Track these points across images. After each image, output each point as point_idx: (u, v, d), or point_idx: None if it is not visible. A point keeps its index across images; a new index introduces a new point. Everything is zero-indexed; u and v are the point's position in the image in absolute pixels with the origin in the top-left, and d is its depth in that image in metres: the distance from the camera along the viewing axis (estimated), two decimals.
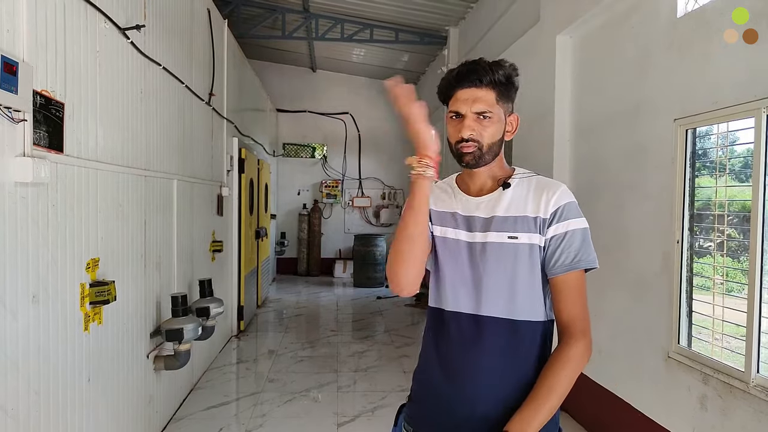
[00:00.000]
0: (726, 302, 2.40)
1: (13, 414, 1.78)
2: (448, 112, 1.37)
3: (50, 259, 2.00)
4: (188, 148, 3.93)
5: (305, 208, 10.28)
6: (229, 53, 5.33)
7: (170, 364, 3.17)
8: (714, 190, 2.50)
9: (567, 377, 1.26)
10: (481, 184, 1.41)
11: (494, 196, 1.38)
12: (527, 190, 1.36)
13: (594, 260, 1.34)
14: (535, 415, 1.22)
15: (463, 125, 1.32)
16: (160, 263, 3.27)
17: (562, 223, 1.31)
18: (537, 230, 1.32)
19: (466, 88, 1.33)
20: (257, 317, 6.74)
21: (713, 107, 2.40)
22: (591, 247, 1.34)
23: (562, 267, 1.31)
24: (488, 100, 1.33)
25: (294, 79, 10.18)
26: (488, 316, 1.32)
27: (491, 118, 1.33)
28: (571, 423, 3.59)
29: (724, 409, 2.31)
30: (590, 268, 1.34)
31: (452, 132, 1.36)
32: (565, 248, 1.31)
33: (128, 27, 2.67)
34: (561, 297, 1.33)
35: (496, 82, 1.34)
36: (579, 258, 1.31)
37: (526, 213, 1.33)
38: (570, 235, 1.31)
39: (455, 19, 6.75)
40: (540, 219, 1.32)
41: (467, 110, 1.32)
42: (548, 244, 1.32)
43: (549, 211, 1.32)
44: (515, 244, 1.31)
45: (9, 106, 1.69)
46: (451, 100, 1.36)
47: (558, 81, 3.78)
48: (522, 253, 1.31)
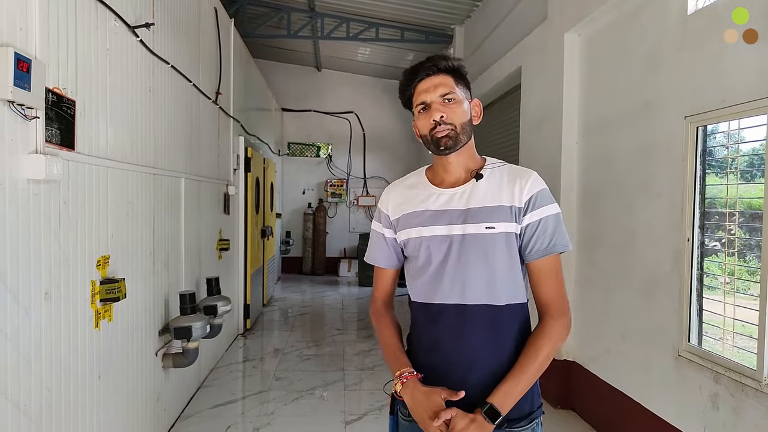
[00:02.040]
0: (737, 300, 2.39)
1: (26, 410, 1.78)
2: (415, 107, 1.42)
3: (62, 256, 2.00)
4: (195, 146, 3.94)
5: (310, 208, 10.29)
6: (235, 52, 5.34)
7: (178, 362, 3.18)
8: (723, 188, 2.49)
9: (546, 353, 1.34)
10: (456, 176, 1.45)
11: (468, 187, 1.42)
12: (500, 179, 1.42)
13: (567, 243, 1.40)
14: (514, 388, 1.31)
15: (432, 110, 1.38)
16: (168, 261, 3.28)
17: (536, 210, 1.37)
18: (513, 218, 1.37)
19: (424, 78, 1.40)
20: (263, 316, 6.75)
21: (723, 104, 2.39)
22: (564, 230, 1.40)
23: (538, 252, 1.37)
24: (448, 84, 1.39)
25: (299, 78, 10.19)
26: (473, 304, 1.37)
27: (455, 99, 1.39)
28: (580, 422, 3.58)
29: (735, 408, 2.30)
30: (564, 251, 1.40)
31: (423, 123, 1.41)
32: (540, 234, 1.37)
33: (138, 25, 2.68)
34: (539, 280, 1.40)
35: (450, 68, 1.41)
36: (554, 243, 1.37)
37: (501, 202, 1.38)
38: (544, 222, 1.37)
39: (461, 17, 6.74)
40: (515, 208, 1.37)
41: (432, 97, 1.38)
42: (524, 231, 1.38)
43: (523, 199, 1.37)
44: (493, 233, 1.36)
45: (22, 103, 1.70)
46: (414, 96, 1.42)
47: (566, 79, 3.77)
48: (500, 242, 1.36)
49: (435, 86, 1.38)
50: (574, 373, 3.72)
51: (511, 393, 1.30)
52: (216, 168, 4.64)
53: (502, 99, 5.67)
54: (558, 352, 3.79)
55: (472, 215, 1.38)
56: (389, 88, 10.37)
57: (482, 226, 1.36)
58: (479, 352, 1.37)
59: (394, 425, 1.53)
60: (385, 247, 1.54)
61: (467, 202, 1.39)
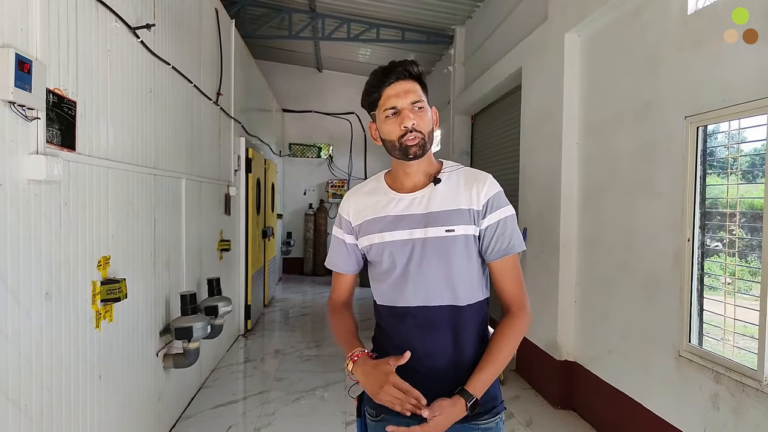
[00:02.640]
0: (738, 301, 2.38)
1: (26, 410, 1.79)
2: (383, 111, 1.41)
3: (62, 256, 2.01)
4: (196, 147, 3.95)
5: (311, 208, 10.29)
6: (236, 53, 5.35)
7: (179, 362, 3.18)
8: (724, 188, 2.49)
9: (512, 344, 1.40)
10: (415, 181, 1.47)
11: (427, 191, 1.45)
12: (457, 183, 1.45)
13: (523, 243, 1.46)
14: (486, 376, 1.36)
15: (403, 116, 1.37)
16: (169, 261, 3.28)
17: (494, 213, 1.41)
18: (471, 221, 1.40)
19: (394, 82, 1.39)
20: (264, 316, 6.75)
21: (724, 104, 2.39)
22: (518, 231, 1.46)
23: (499, 252, 1.42)
24: (417, 91, 1.40)
25: (300, 79, 10.20)
26: (436, 305, 1.41)
27: (423, 108, 1.40)
28: (580, 422, 3.58)
29: (736, 408, 2.29)
30: (521, 251, 1.45)
31: (392, 129, 1.40)
32: (500, 236, 1.41)
33: (138, 26, 2.68)
34: (501, 279, 1.44)
35: (418, 75, 1.42)
36: (512, 243, 1.42)
37: (459, 206, 1.41)
38: (503, 223, 1.42)
39: (462, 17, 6.74)
40: (473, 211, 1.41)
41: (403, 103, 1.38)
42: (484, 233, 1.42)
43: (481, 202, 1.41)
44: (453, 236, 1.39)
45: (23, 104, 1.70)
46: (382, 100, 1.41)
47: (567, 79, 3.77)
48: (459, 244, 1.40)
49: (406, 92, 1.38)
50: (575, 373, 3.72)
51: (484, 381, 1.36)
52: (217, 169, 4.65)
53: (502, 99, 5.67)
54: (558, 353, 3.80)
55: (433, 219, 1.40)
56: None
57: (442, 229, 1.39)
58: (444, 348, 1.41)
59: (362, 427, 1.56)
60: (346, 252, 1.56)
61: (427, 206, 1.42)
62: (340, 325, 1.57)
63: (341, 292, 1.64)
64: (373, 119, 1.48)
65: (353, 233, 1.53)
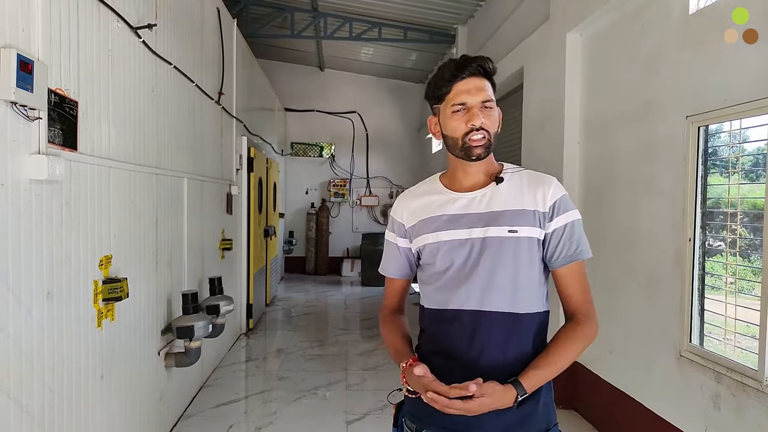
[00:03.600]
0: (740, 301, 2.38)
1: (28, 409, 1.79)
2: (451, 106, 1.34)
3: (64, 256, 2.01)
4: (198, 146, 3.95)
5: (313, 207, 10.31)
6: (238, 52, 5.35)
7: (181, 361, 3.19)
8: (724, 188, 2.48)
9: (574, 351, 1.30)
10: (475, 180, 1.40)
11: (488, 190, 1.38)
12: (520, 183, 1.38)
13: (590, 250, 1.38)
14: (542, 375, 1.27)
15: (473, 114, 1.31)
16: (171, 261, 3.29)
17: (561, 216, 1.34)
18: (537, 224, 1.33)
19: (467, 77, 1.32)
20: (266, 315, 6.77)
21: (725, 104, 2.38)
22: (585, 236, 1.38)
23: (565, 258, 1.34)
24: (488, 90, 1.35)
25: (302, 78, 10.21)
26: (491, 311, 1.32)
27: (492, 107, 1.35)
28: (582, 422, 3.58)
29: (737, 408, 2.29)
30: (588, 257, 1.37)
31: (457, 125, 1.33)
32: (567, 240, 1.34)
33: (140, 26, 2.69)
34: (566, 285, 1.36)
35: (491, 72, 1.36)
36: (580, 249, 1.35)
37: (524, 206, 1.34)
38: (570, 227, 1.34)
39: (464, 17, 6.73)
40: (539, 213, 1.34)
41: (474, 100, 1.32)
42: (550, 237, 1.34)
43: (547, 204, 1.34)
44: (516, 237, 1.32)
45: (25, 104, 1.71)
46: (451, 94, 1.34)
47: (568, 79, 3.77)
48: (522, 246, 1.32)
49: (478, 89, 1.32)
50: (577, 373, 3.71)
51: (539, 380, 1.26)
52: (219, 168, 4.65)
53: (504, 99, 5.66)
54: None
55: (494, 218, 1.33)
56: (392, 88, 10.38)
57: (505, 229, 1.31)
58: (493, 360, 1.31)
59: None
60: (398, 256, 1.50)
61: (488, 205, 1.35)
62: (389, 337, 1.50)
63: (392, 299, 1.58)
64: (434, 113, 1.41)
65: (407, 236, 1.47)
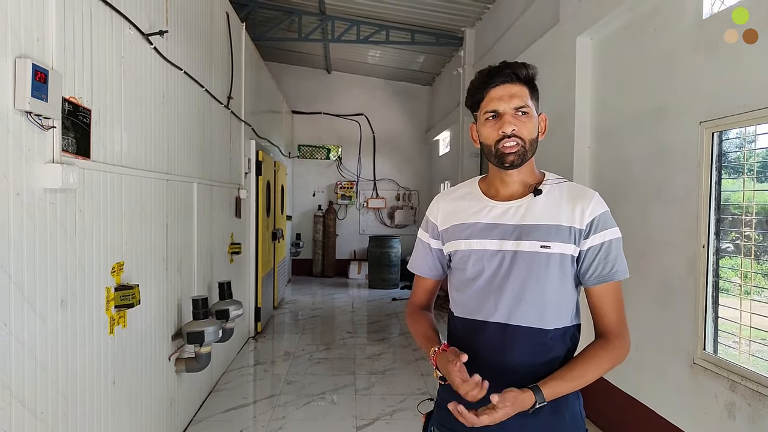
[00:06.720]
0: (754, 308, 2.35)
1: (42, 417, 1.80)
2: (483, 113, 1.34)
3: (77, 264, 2.02)
4: (208, 151, 3.96)
5: (320, 210, 10.31)
6: (246, 56, 5.36)
7: (191, 367, 3.20)
8: (740, 192, 2.46)
9: (600, 367, 1.28)
10: (513, 190, 1.37)
11: (525, 202, 1.35)
12: (559, 197, 1.34)
13: (626, 270, 1.33)
14: (563, 387, 1.25)
15: (504, 121, 1.30)
16: (181, 266, 3.30)
17: (598, 234, 1.30)
18: (572, 240, 1.30)
19: (500, 84, 1.31)
20: (274, 318, 6.77)
21: (739, 110, 2.36)
22: (623, 257, 1.32)
23: (599, 278, 1.30)
24: (523, 96, 1.32)
25: (309, 81, 10.22)
26: (518, 325, 1.31)
27: (528, 113, 1.32)
28: (593, 428, 3.55)
29: (753, 418, 2.27)
30: (624, 278, 1.32)
31: (490, 133, 1.32)
32: (602, 259, 1.30)
33: (152, 33, 2.70)
34: (599, 305, 1.33)
35: (528, 78, 1.34)
36: (615, 269, 1.30)
37: (560, 222, 1.30)
38: (606, 246, 1.30)
39: (472, 19, 6.72)
40: (575, 229, 1.30)
41: (505, 107, 1.30)
42: (584, 255, 1.31)
43: (585, 221, 1.30)
44: (548, 253, 1.29)
45: (39, 113, 1.71)
46: (484, 101, 1.33)
47: (578, 83, 3.75)
48: (554, 263, 1.29)
49: (510, 96, 1.30)
50: None
51: (559, 391, 1.24)
52: (228, 172, 4.66)
53: None
54: None
55: (527, 232, 1.30)
56: (399, 90, 10.37)
57: (537, 244, 1.29)
58: (519, 374, 1.29)
59: None
60: (430, 256, 1.50)
61: (523, 217, 1.32)
62: (417, 325, 1.49)
63: (421, 296, 1.57)
64: (474, 120, 1.40)
65: (439, 238, 1.46)
